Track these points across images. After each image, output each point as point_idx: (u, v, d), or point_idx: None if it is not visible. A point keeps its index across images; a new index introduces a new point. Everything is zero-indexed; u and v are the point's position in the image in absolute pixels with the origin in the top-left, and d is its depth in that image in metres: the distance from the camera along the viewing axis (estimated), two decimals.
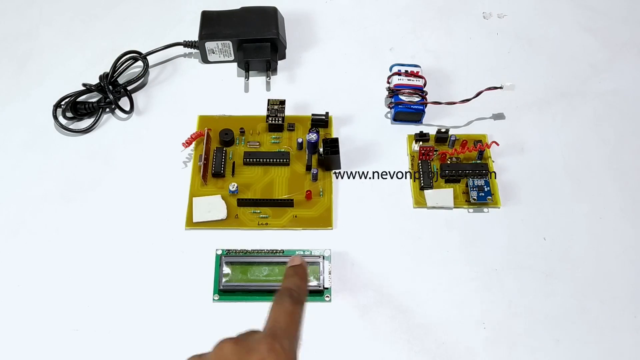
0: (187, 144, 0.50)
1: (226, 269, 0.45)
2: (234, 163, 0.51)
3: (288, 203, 0.48)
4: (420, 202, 0.49)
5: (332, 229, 0.48)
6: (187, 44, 0.58)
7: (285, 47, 0.58)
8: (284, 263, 0.45)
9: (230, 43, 0.57)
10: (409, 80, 0.53)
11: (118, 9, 0.64)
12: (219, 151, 0.51)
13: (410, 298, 0.44)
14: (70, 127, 0.54)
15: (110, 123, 0.55)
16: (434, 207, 0.49)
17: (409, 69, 0.54)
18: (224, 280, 0.45)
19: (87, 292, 0.45)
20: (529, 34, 0.61)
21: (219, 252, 0.46)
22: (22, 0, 0.64)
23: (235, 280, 0.45)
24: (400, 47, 0.60)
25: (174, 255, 0.47)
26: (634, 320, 0.44)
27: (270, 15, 0.58)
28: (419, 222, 0.48)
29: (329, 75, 0.58)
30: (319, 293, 0.45)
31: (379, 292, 0.45)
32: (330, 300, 0.44)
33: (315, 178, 0.50)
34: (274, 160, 0.51)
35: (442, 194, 0.49)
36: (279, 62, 0.58)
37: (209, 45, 0.57)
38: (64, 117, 0.54)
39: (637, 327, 0.43)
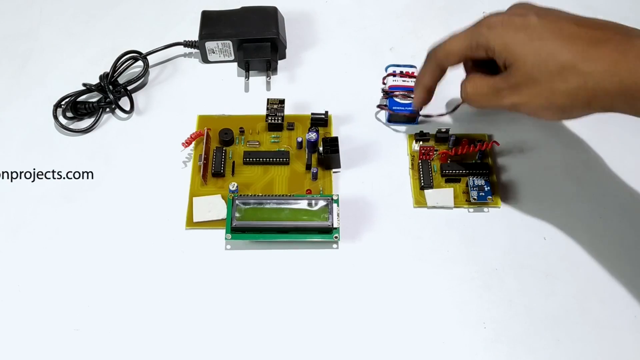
0: (187, 143, 0.50)
1: (240, 206, 0.46)
2: (233, 162, 0.51)
3: None
4: (420, 202, 0.49)
5: None
6: (187, 44, 0.58)
7: (285, 47, 0.58)
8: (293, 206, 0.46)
9: (231, 43, 0.57)
10: (403, 81, 0.53)
11: (118, 9, 0.64)
12: (218, 151, 0.51)
13: (410, 298, 0.44)
14: (71, 127, 0.54)
15: (110, 123, 0.55)
16: (434, 207, 0.49)
17: (404, 69, 0.54)
18: (236, 215, 0.45)
19: (88, 292, 0.45)
20: None
21: (231, 197, 0.46)
22: (22, 0, 0.64)
23: (248, 219, 0.45)
24: (400, 47, 0.60)
25: (174, 255, 0.47)
26: (634, 320, 0.44)
27: (271, 15, 0.58)
28: (419, 222, 0.48)
29: (328, 74, 0.58)
30: (328, 232, 0.45)
31: (380, 292, 0.45)
32: (338, 241, 0.46)
33: (315, 177, 0.50)
34: (274, 159, 0.50)
35: (443, 194, 0.49)
36: (279, 61, 0.58)
37: (209, 45, 0.57)
38: (64, 117, 0.54)
39: (637, 327, 0.43)
